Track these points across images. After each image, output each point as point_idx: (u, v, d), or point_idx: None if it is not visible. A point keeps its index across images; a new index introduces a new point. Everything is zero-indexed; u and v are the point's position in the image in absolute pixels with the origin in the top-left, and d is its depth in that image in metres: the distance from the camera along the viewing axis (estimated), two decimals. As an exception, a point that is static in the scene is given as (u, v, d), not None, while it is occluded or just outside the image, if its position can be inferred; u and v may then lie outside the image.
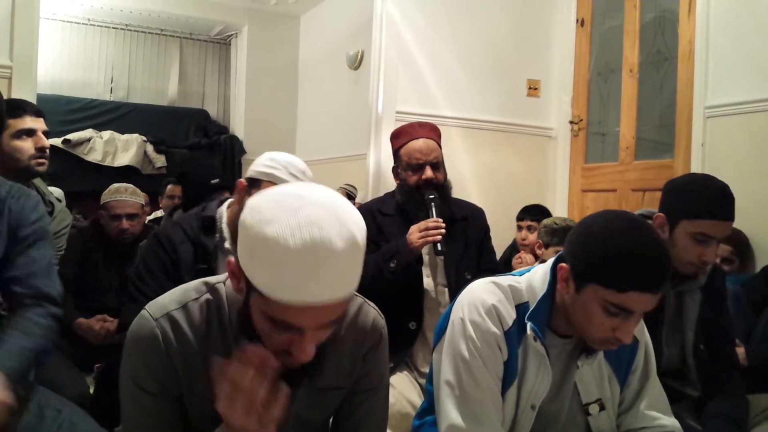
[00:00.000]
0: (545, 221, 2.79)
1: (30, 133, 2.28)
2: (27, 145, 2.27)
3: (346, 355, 1.22)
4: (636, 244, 1.23)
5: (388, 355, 1.33)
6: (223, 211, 2.01)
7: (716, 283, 1.95)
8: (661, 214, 1.83)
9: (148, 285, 1.89)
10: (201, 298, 1.15)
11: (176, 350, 1.10)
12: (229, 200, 2.05)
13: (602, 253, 1.25)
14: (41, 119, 2.35)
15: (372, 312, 1.27)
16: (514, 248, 3.52)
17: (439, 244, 2.23)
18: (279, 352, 1.01)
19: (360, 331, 1.24)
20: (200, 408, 1.14)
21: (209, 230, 1.96)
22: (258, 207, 0.95)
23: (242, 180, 1.94)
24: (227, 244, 1.94)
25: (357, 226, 0.96)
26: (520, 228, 3.48)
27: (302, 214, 0.92)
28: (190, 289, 1.17)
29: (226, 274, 1.19)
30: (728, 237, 1.82)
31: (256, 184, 1.89)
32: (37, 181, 2.51)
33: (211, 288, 1.16)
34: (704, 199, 1.75)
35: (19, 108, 2.29)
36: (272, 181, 1.85)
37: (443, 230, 2.24)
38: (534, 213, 3.49)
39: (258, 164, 1.93)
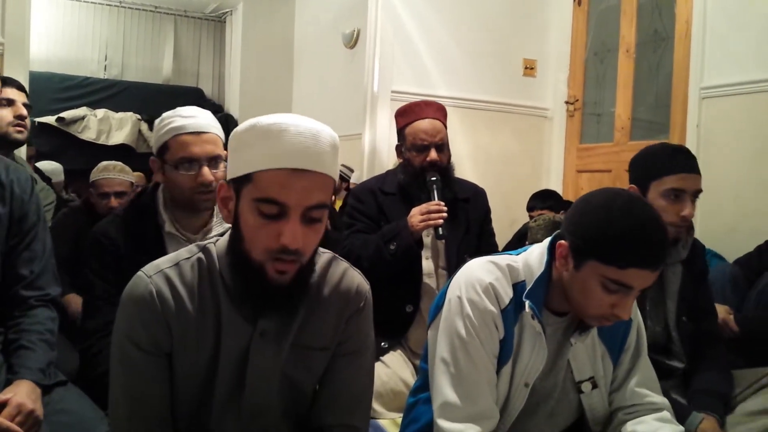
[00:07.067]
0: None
1: (9, 102, 2.40)
2: (5, 113, 2.39)
3: (331, 316, 1.26)
4: (636, 221, 1.24)
5: (383, 336, 1.35)
6: (160, 195, 1.89)
7: (697, 259, 2.00)
8: (632, 185, 1.89)
9: (97, 287, 1.79)
10: (192, 257, 1.20)
11: (169, 305, 1.15)
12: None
13: (602, 230, 1.26)
14: (23, 94, 2.47)
15: (357, 277, 1.31)
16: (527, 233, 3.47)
17: (440, 228, 2.22)
18: (272, 253, 1.08)
19: (344, 294, 1.27)
20: (189, 364, 1.18)
21: (145, 217, 1.85)
22: (244, 121, 1.12)
23: (152, 158, 1.83)
24: (167, 227, 1.83)
25: (332, 131, 1.14)
26: (531, 218, 3.43)
27: (285, 113, 1.11)
28: (183, 250, 1.23)
29: (216, 237, 1.26)
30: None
31: (163, 150, 1.78)
32: (17, 158, 2.54)
33: (203, 248, 1.22)
34: (663, 157, 1.85)
35: (2, 81, 2.38)
36: (176, 134, 1.75)
37: (445, 214, 2.23)
38: (545, 200, 3.46)
39: (155, 134, 1.81)
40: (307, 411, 1.30)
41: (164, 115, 1.81)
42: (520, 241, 3.27)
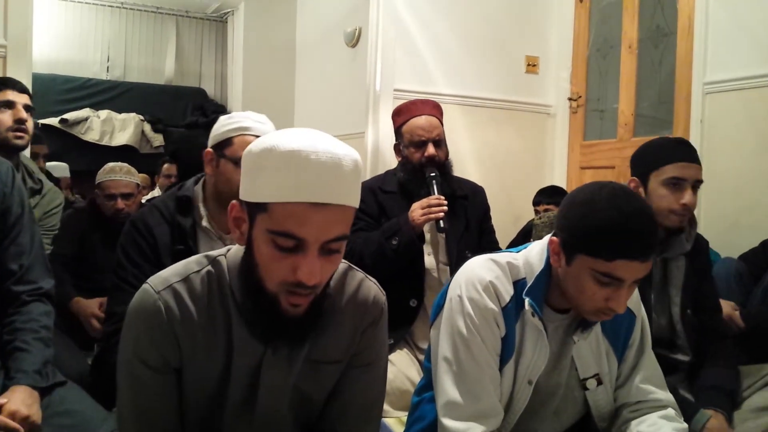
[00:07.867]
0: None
1: (9, 105, 2.32)
2: (4, 117, 2.31)
3: (346, 329, 1.22)
4: (619, 212, 1.24)
5: (388, 332, 1.34)
6: (199, 190, 1.93)
7: (701, 253, 2.01)
8: (633, 178, 1.95)
9: (128, 272, 1.82)
10: (202, 270, 1.16)
11: (178, 322, 1.11)
12: (204, 178, 1.96)
13: (587, 223, 1.26)
14: (25, 95, 2.39)
15: (373, 288, 1.27)
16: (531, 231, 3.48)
17: (441, 221, 2.25)
18: (286, 286, 1.03)
19: (360, 305, 1.24)
20: (198, 380, 1.16)
21: (185, 210, 1.89)
22: (260, 139, 1.04)
23: (208, 150, 1.88)
24: (204, 222, 1.88)
25: (354, 151, 1.05)
26: (537, 212, 3.44)
27: (305, 132, 1.03)
28: (192, 262, 1.18)
29: (227, 247, 1.22)
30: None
31: (225, 144, 1.84)
32: (24, 158, 2.52)
33: (213, 260, 1.17)
34: (663, 148, 1.92)
35: (1, 83, 2.34)
36: (242, 132, 1.82)
37: (445, 207, 2.25)
38: (551, 195, 3.46)
39: (219, 127, 1.87)
40: (318, 419, 1.27)
41: (233, 113, 1.91)
42: (524, 238, 3.27)
